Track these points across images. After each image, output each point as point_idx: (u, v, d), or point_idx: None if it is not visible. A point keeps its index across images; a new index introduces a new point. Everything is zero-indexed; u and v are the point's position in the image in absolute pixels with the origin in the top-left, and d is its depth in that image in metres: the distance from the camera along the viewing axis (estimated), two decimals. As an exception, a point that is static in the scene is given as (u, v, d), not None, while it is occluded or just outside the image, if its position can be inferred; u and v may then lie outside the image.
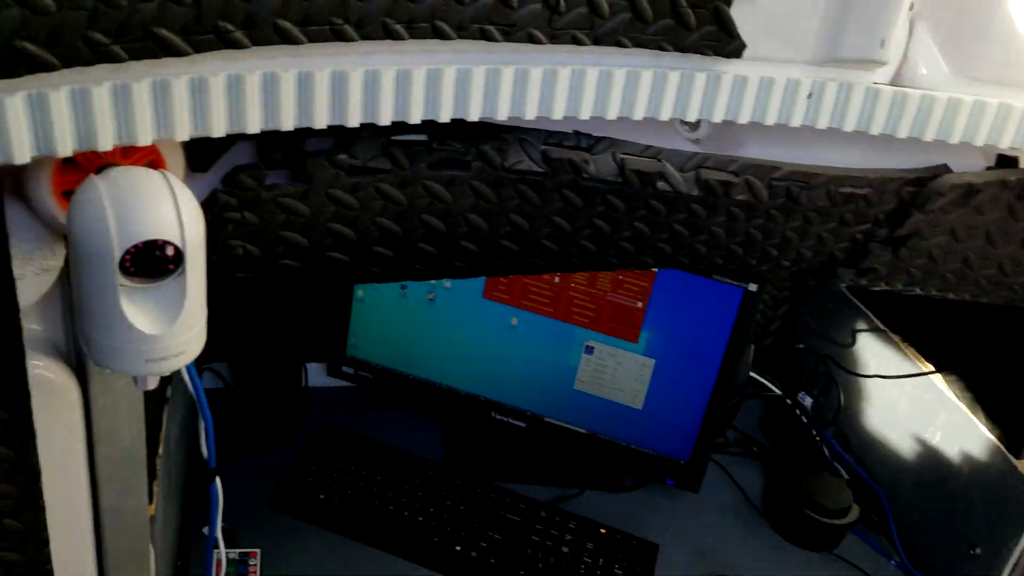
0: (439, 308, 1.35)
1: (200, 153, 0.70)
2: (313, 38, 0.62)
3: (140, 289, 0.63)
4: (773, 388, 1.66)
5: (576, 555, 1.30)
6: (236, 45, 0.59)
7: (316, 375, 1.48)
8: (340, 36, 0.63)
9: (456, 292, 1.34)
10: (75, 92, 0.55)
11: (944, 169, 0.93)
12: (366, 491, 1.31)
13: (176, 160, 0.69)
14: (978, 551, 1.28)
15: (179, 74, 0.58)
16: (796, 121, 0.82)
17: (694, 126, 0.91)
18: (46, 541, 0.76)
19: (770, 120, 0.82)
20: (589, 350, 1.34)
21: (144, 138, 0.59)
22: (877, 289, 1.01)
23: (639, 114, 0.78)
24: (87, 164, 0.64)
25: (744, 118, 0.81)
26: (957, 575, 1.32)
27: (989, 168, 0.93)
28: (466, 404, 1.41)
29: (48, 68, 0.53)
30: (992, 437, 1.26)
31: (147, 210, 0.60)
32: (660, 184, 0.85)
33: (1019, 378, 1.22)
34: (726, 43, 0.75)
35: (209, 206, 0.71)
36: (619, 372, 1.35)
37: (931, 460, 1.38)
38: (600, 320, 1.32)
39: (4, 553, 0.73)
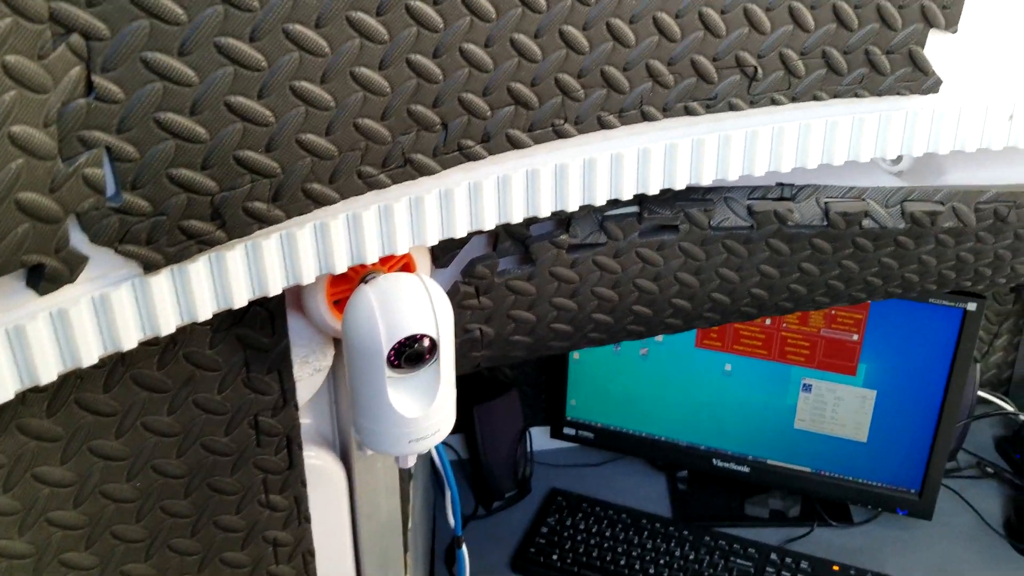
0: (653, 362, 1.36)
1: (442, 251, 0.76)
2: (538, 140, 0.66)
3: (402, 378, 0.68)
4: (1005, 405, 1.56)
5: (819, 592, 1.26)
6: (475, 157, 0.64)
7: (540, 439, 1.52)
8: (561, 134, 0.67)
9: (668, 345, 1.35)
10: (349, 218, 0.62)
11: None
12: (598, 548, 1.32)
13: (423, 260, 0.76)
14: None
15: (429, 189, 0.64)
16: (998, 144, 0.80)
17: (896, 159, 0.90)
18: (319, 616, 0.82)
19: (971, 148, 0.79)
20: (807, 388, 1.32)
21: (402, 247, 0.65)
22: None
23: (839, 160, 0.78)
24: (354, 275, 0.71)
25: (945, 149, 0.79)
26: None
27: None
28: (688, 454, 1.41)
29: (330, 202, 0.60)
30: None
31: (409, 310, 0.66)
32: (865, 222, 0.84)
33: None
34: (922, 82, 0.75)
35: (452, 296, 0.77)
36: (839, 407, 1.31)
37: None
38: (815, 357, 1.29)
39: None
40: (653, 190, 0.73)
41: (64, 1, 0.47)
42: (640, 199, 0.79)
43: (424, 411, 0.68)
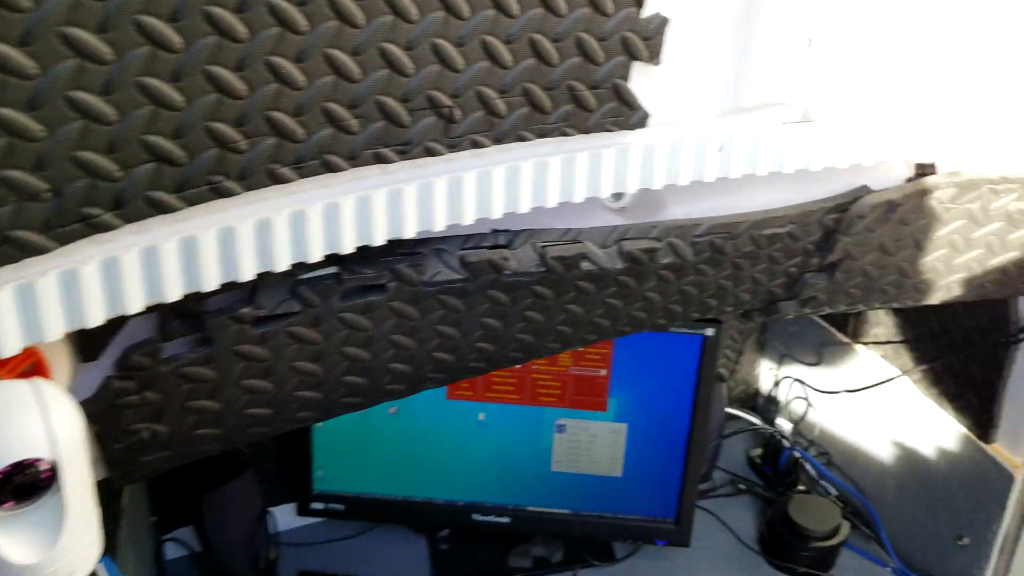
0: (403, 420, 1.27)
1: (90, 341, 0.62)
2: (192, 201, 0.55)
3: (12, 516, 0.54)
4: (752, 420, 1.60)
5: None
6: (105, 228, 0.52)
7: (286, 517, 1.36)
8: (221, 193, 0.56)
9: (418, 400, 1.25)
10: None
11: (864, 191, 0.89)
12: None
13: (60, 357, 0.61)
14: (966, 540, 1.25)
15: (45, 271, 0.51)
16: (710, 176, 0.78)
17: (617, 196, 0.86)
18: None
19: (684, 180, 0.76)
20: (561, 428, 1.27)
21: (11, 347, 0.51)
22: (823, 313, 0.97)
23: (552, 202, 0.72)
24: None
25: (659, 184, 0.76)
26: (950, 568, 1.28)
27: (909, 179, 0.89)
28: (446, 512, 1.32)
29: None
30: (963, 428, 1.23)
31: (12, 430, 0.52)
32: (584, 264, 0.79)
33: (977, 366, 1.17)
34: (629, 116, 0.70)
35: (103, 396, 0.64)
36: (594, 444, 1.27)
37: (910, 461, 1.33)
38: (567, 396, 1.25)
39: None
40: (347, 248, 0.64)
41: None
42: (338, 258, 0.69)
43: (45, 554, 0.54)
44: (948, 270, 0.95)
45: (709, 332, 1.21)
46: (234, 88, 0.54)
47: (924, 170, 0.89)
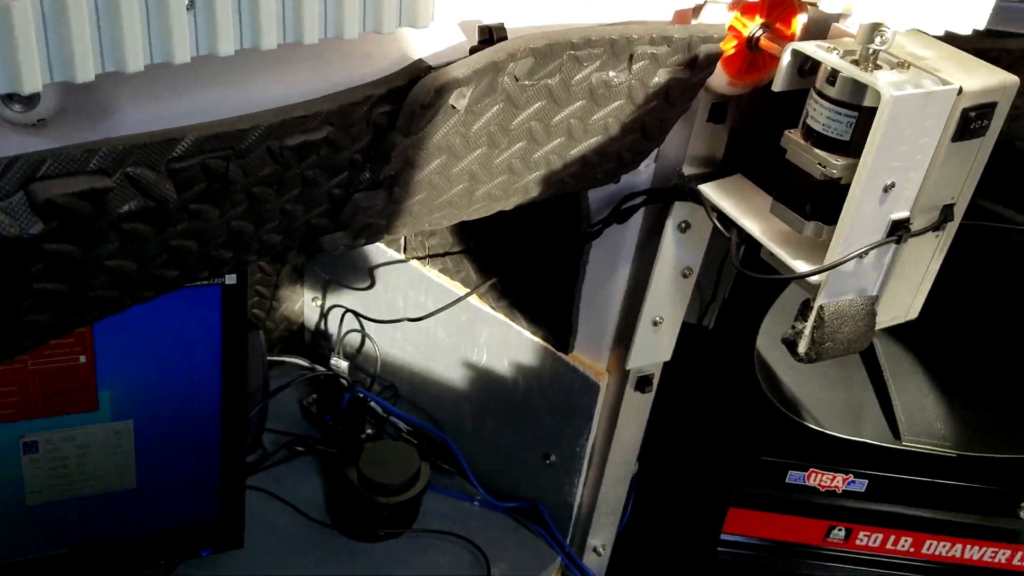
0: None
1: None
2: None
3: None
4: (301, 363, 1.33)
5: None
6: None
7: None
8: None
9: None
10: None
11: (419, 68, 0.62)
12: None
13: None
14: (553, 458, 1.12)
15: None
16: (182, 55, 0.45)
17: (27, 101, 0.49)
18: None
19: (134, 65, 0.43)
20: (31, 447, 0.87)
21: None
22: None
23: None
24: None
25: (90, 73, 0.41)
26: (539, 489, 1.16)
27: (473, 48, 0.64)
28: None
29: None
30: (538, 339, 1.07)
31: None
32: None
33: (549, 276, 1.02)
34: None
35: None
36: (87, 457, 0.90)
37: (486, 383, 1.16)
38: (33, 400, 0.85)
39: None
40: None
41: None
42: None
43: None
44: (526, 168, 0.74)
45: (229, 280, 0.89)
46: None
47: (492, 34, 0.64)
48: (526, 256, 1.04)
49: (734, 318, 1.16)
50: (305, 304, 1.34)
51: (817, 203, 0.72)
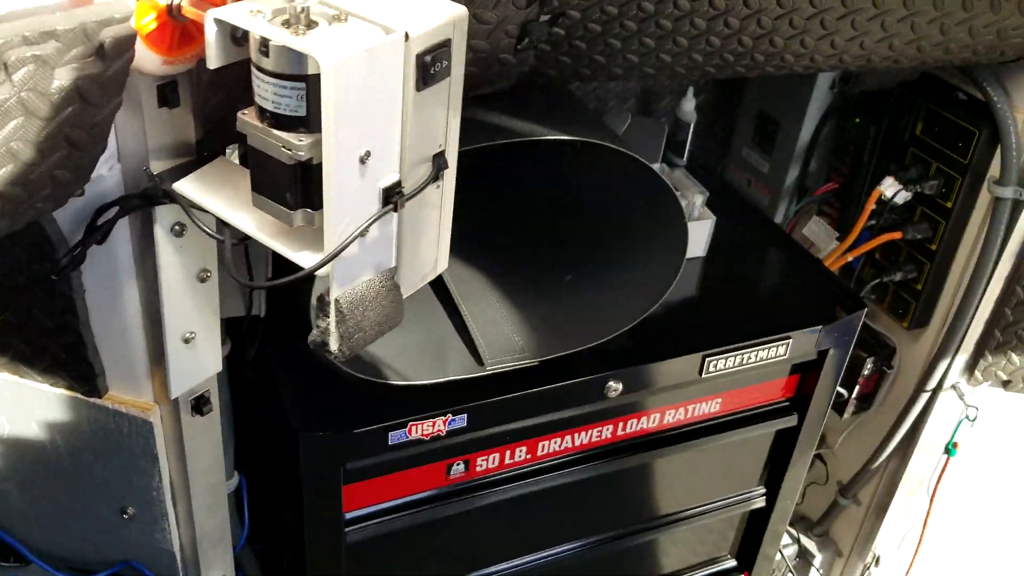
0: None
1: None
2: None
3: None
4: None
5: None
6: None
7: None
8: None
9: None
10: None
11: None
12: None
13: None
14: (131, 510, 0.98)
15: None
16: None
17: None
18: None
19: None
20: None
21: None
22: None
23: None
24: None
25: None
26: (129, 546, 1.00)
27: None
28: None
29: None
30: (63, 390, 0.89)
31: None
32: None
33: (36, 319, 0.83)
34: None
35: None
36: None
37: (22, 454, 0.95)
38: None
39: None
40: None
41: None
42: None
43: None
44: None
45: None
46: None
47: None
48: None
49: (285, 299, 1.05)
50: None
51: (295, 190, 0.62)
